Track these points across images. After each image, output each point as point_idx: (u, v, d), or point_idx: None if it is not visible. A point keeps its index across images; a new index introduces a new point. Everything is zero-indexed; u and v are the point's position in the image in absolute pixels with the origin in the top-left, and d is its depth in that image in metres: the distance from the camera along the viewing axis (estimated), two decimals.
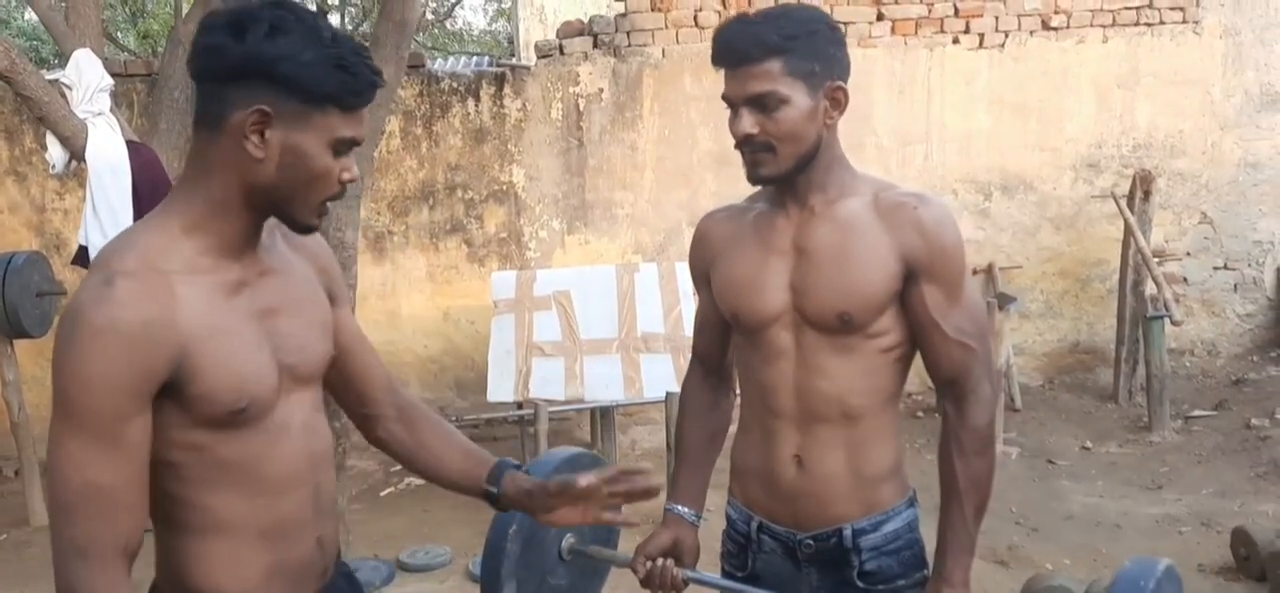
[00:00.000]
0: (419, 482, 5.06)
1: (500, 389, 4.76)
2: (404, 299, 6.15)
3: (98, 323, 1.13)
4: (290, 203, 1.25)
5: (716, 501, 1.80)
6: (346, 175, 1.27)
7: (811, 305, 1.54)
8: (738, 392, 1.77)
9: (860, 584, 1.58)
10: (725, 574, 1.73)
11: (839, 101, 1.55)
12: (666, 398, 4.42)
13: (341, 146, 1.25)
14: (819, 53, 1.51)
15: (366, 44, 1.12)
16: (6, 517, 5.11)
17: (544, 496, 1.47)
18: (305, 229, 1.29)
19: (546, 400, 4.60)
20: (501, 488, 1.50)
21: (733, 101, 1.52)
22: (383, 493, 5.12)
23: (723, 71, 1.55)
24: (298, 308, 1.34)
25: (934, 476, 1.64)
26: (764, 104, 1.49)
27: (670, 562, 1.68)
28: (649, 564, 1.67)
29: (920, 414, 6.03)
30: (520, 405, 4.78)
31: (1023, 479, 5.02)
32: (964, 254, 1.54)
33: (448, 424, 1.61)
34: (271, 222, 1.31)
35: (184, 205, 1.24)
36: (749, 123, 1.50)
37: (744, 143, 1.52)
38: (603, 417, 4.89)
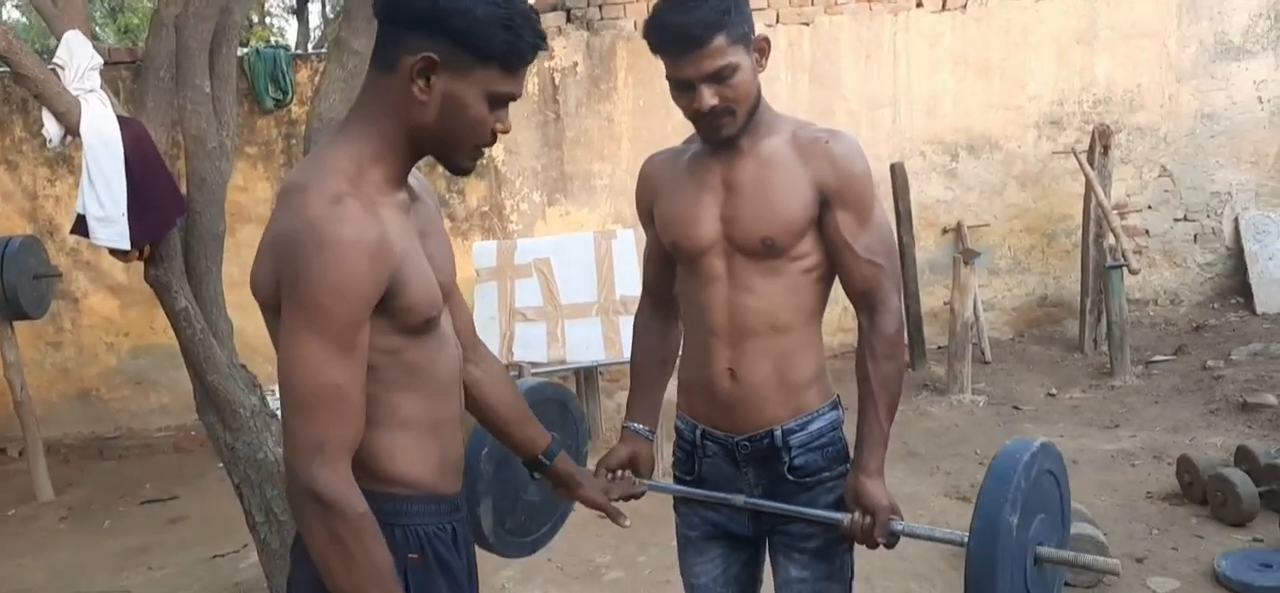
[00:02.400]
0: None
1: None
2: None
3: (343, 237, 1.22)
4: (448, 147, 1.36)
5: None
6: (500, 126, 1.38)
7: (739, 233, 1.73)
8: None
9: (791, 478, 1.77)
10: (677, 480, 1.93)
11: (764, 51, 1.73)
12: None
13: (498, 101, 1.35)
14: (743, 14, 1.68)
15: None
16: (13, 494, 5.28)
17: (590, 491, 1.81)
18: (461, 171, 1.42)
19: (530, 363, 4.78)
20: (553, 462, 1.76)
21: (690, 81, 1.67)
22: None
23: (664, 57, 1.68)
24: (437, 230, 1.49)
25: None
26: (720, 76, 1.65)
27: (629, 473, 1.90)
28: (610, 475, 1.88)
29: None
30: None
31: (988, 424, 5.25)
32: (872, 182, 1.73)
33: (515, 384, 1.80)
34: None
35: (363, 138, 1.34)
36: (711, 95, 1.66)
37: (707, 114, 1.68)
38: (586, 380, 5.06)
